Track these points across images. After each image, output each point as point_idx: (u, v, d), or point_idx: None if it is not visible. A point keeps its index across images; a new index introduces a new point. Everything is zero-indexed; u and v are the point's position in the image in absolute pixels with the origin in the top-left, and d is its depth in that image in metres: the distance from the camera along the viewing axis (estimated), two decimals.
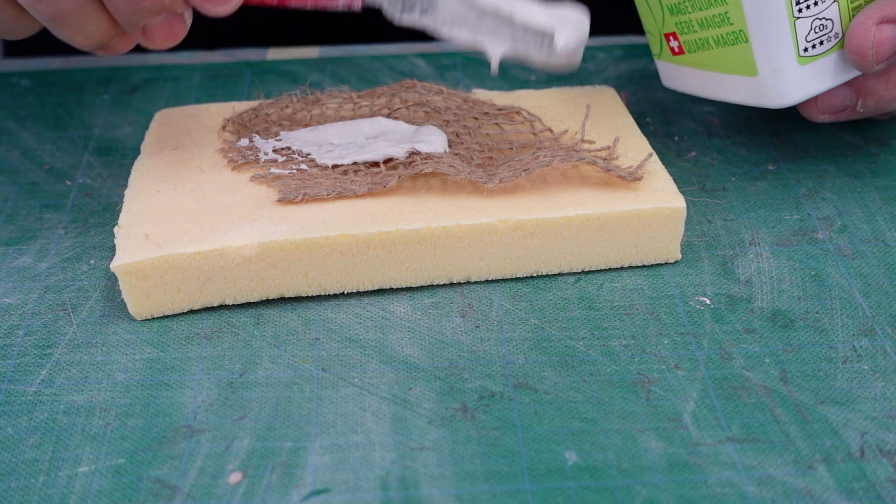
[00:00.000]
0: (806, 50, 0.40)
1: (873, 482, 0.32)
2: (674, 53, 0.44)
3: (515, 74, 0.54)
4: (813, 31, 0.40)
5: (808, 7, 0.40)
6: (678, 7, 0.42)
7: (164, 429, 0.34)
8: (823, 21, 0.40)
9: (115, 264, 0.37)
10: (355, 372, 0.37)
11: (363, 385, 0.36)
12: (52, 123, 0.51)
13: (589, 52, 0.56)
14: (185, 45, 0.59)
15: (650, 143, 0.48)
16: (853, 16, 0.40)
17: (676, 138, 0.49)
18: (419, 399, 0.35)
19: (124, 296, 0.38)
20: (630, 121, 0.45)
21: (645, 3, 0.44)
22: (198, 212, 0.40)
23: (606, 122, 0.45)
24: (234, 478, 0.33)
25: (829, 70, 0.41)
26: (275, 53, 0.57)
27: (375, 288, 0.40)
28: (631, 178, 0.40)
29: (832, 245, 0.42)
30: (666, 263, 0.41)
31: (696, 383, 0.36)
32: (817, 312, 0.39)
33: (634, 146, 0.43)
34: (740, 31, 0.41)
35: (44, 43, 0.66)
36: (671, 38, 0.44)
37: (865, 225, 0.43)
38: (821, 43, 0.40)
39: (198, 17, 0.41)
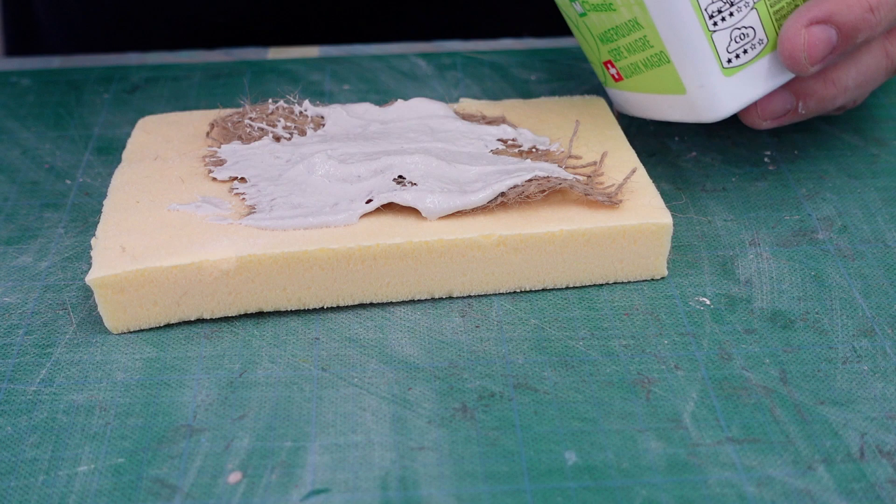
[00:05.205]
0: (730, 61, 0.40)
1: (873, 483, 0.32)
2: (615, 80, 0.44)
3: (516, 74, 0.54)
4: (733, 41, 0.40)
5: (723, 19, 0.39)
6: (606, 36, 0.42)
7: (163, 428, 0.34)
8: (743, 30, 0.40)
9: (91, 277, 0.37)
10: (355, 372, 0.37)
11: (363, 385, 0.36)
12: (53, 123, 0.51)
13: None
14: (185, 45, 0.60)
15: (651, 144, 0.48)
16: (776, 20, 0.40)
17: (676, 138, 0.49)
18: (419, 399, 0.35)
19: (100, 309, 0.38)
20: (619, 133, 0.45)
21: (581, 37, 0.44)
22: (176, 224, 0.39)
23: (595, 134, 0.45)
24: (234, 477, 0.33)
25: (759, 77, 0.41)
26: (275, 53, 0.57)
27: (356, 303, 0.39)
28: (609, 202, 0.40)
29: (832, 245, 0.42)
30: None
31: (695, 384, 0.36)
32: (817, 313, 0.39)
33: (622, 159, 0.43)
34: (661, 52, 0.40)
35: (44, 43, 0.66)
36: (609, 65, 0.44)
37: (865, 225, 0.43)
38: (744, 52, 0.40)
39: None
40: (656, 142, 0.49)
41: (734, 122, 0.50)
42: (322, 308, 0.39)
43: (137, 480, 0.33)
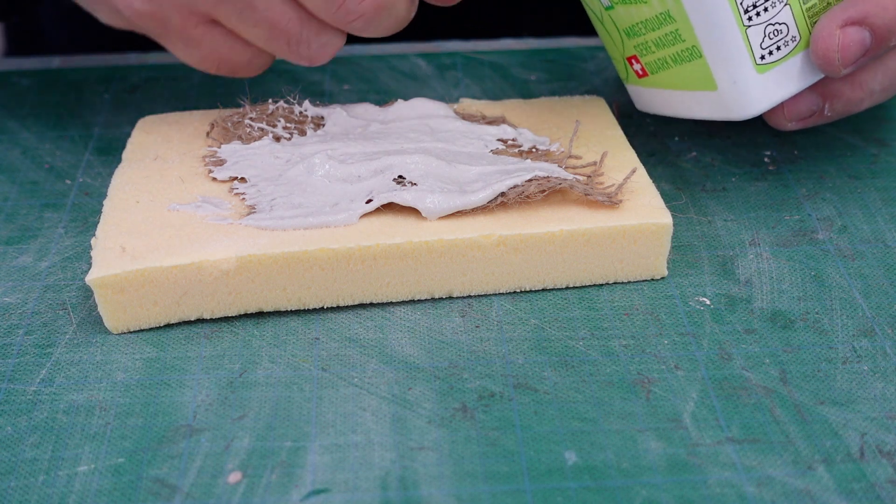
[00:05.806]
0: (763, 57, 0.39)
1: (873, 483, 0.32)
2: (639, 77, 0.44)
3: (516, 74, 0.54)
4: (767, 37, 0.39)
5: (757, 14, 0.39)
6: (633, 30, 0.42)
7: (163, 428, 0.34)
8: (777, 26, 0.39)
9: (91, 277, 0.37)
10: (355, 372, 0.37)
11: (363, 385, 0.36)
12: (53, 122, 0.51)
13: (589, 51, 0.56)
14: None
15: (651, 144, 0.48)
16: (808, 16, 0.40)
17: (676, 138, 0.49)
18: (419, 399, 0.35)
19: (100, 309, 0.37)
20: (619, 133, 0.45)
21: (605, 31, 0.44)
22: (176, 224, 0.39)
23: (595, 134, 0.45)
24: (234, 477, 0.33)
25: (790, 75, 0.40)
26: None
27: (356, 303, 0.39)
28: (609, 202, 0.39)
29: (832, 245, 0.42)
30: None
31: (695, 383, 0.36)
32: (817, 313, 0.39)
33: (622, 160, 0.43)
34: (693, 46, 0.40)
35: (44, 43, 0.66)
36: (633, 61, 0.43)
37: (865, 225, 0.43)
38: (777, 48, 0.40)
39: None
40: (656, 142, 0.49)
41: (734, 122, 0.50)
42: (322, 308, 0.39)
43: (137, 480, 0.33)
